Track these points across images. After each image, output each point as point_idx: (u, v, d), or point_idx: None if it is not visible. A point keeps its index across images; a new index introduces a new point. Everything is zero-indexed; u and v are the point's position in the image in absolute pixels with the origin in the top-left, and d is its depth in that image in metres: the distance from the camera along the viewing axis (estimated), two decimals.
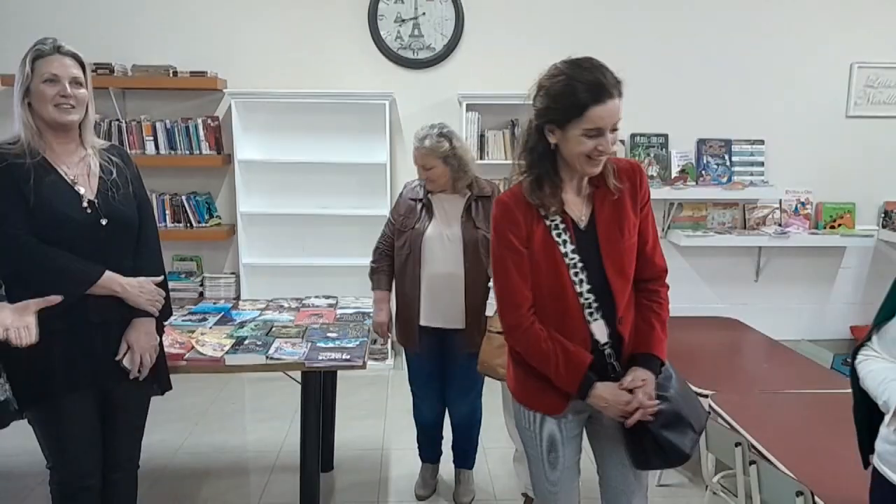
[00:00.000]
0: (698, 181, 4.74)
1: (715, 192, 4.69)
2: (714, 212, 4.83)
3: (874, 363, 1.60)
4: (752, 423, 2.46)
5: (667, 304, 1.88)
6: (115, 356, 2.04)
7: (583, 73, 1.69)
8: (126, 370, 2.05)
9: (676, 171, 4.73)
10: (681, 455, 1.79)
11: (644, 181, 1.84)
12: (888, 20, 4.69)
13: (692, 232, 4.74)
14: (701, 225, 4.82)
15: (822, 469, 2.14)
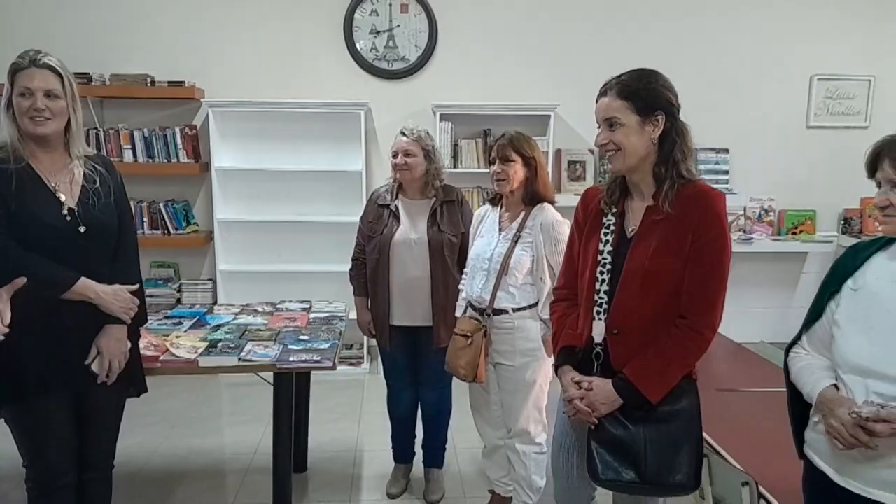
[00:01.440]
0: None
1: None
2: None
3: (803, 360, 1.72)
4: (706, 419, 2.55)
5: (685, 346, 1.80)
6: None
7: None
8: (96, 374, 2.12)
9: None
10: (596, 472, 1.82)
11: (704, 215, 1.76)
12: (846, 34, 4.88)
13: None
14: None
15: (767, 460, 2.25)
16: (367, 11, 4.66)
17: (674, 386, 1.82)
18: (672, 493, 1.87)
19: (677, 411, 1.82)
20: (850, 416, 1.48)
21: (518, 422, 2.66)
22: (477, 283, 2.65)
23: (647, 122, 1.82)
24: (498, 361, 2.66)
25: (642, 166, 1.85)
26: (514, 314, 2.60)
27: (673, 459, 1.78)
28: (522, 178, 2.61)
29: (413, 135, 2.88)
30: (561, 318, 2.03)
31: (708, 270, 1.78)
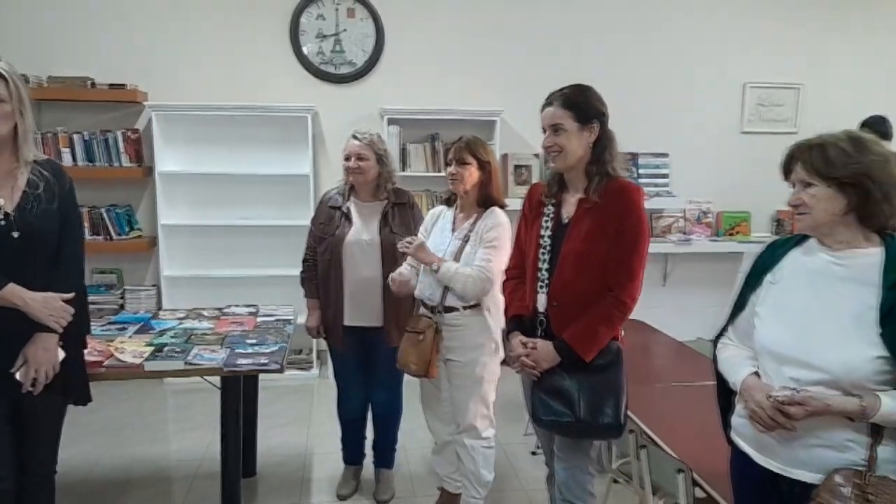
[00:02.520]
0: None
1: None
2: None
3: (729, 350, 1.83)
4: (645, 412, 2.67)
5: (611, 313, 2.12)
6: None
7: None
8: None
9: None
10: (539, 416, 2.16)
11: (624, 205, 2.10)
12: (775, 45, 5.14)
13: None
14: None
15: (700, 449, 2.35)
16: (314, 16, 4.67)
17: (603, 346, 2.13)
18: (601, 433, 2.17)
19: (605, 366, 2.15)
20: (769, 401, 1.58)
21: (466, 417, 2.72)
22: (428, 280, 2.71)
23: (585, 128, 2.16)
24: (448, 357, 2.71)
25: (578, 165, 2.18)
26: (465, 311, 2.66)
27: (602, 405, 2.11)
28: (476, 181, 2.68)
29: (366, 138, 2.92)
30: (511, 293, 2.38)
31: (628, 250, 2.11)
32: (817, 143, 1.63)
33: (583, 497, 2.26)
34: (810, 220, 1.63)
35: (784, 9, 5.12)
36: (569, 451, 2.26)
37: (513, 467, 3.48)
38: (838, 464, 1.56)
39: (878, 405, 1.50)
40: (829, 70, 5.19)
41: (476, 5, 4.85)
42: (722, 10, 5.07)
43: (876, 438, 1.55)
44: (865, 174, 1.55)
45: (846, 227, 1.61)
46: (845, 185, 1.57)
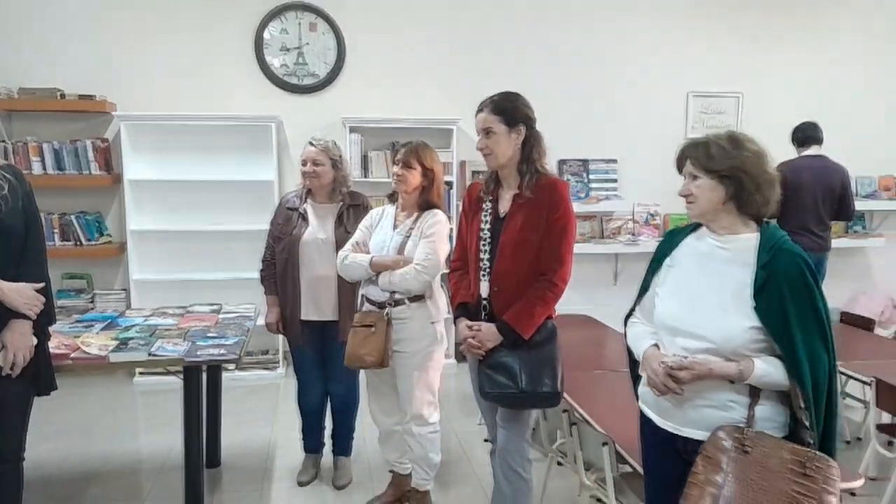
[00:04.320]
0: None
1: (575, 206, 5.18)
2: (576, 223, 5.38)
3: (636, 328, 2.06)
4: (580, 395, 2.87)
5: (545, 295, 2.37)
6: None
7: None
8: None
9: None
10: (485, 390, 2.40)
11: (553, 198, 2.36)
12: (717, 56, 5.46)
13: None
14: None
15: (624, 424, 2.54)
16: (277, 30, 4.88)
17: (539, 325, 2.38)
18: (541, 401, 2.45)
19: (542, 342, 2.41)
20: (661, 367, 1.81)
21: (413, 406, 2.91)
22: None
23: (513, 131, 2.40)
24: (396, 349, 2.89)
25: (510, 164, 2.43)
26: (410, 304, 2.86)
27: (541, 376, 2.37)
28: (418, 185, 2.89)
29: (321, 144, 3.14)
30: (456, 283, 2.62)
31: (558, 239, 2.37)
32: (703, 141, 1.88)
33: (522, 462, 2.50)
34: (697, 209, 1.88)
35: (725, 22, 5.45)
36: (511, 420, 2.48)
37: (466, 454, 3.69)
38: (722, 422, 1.78)
39: (752, 368, 1.73)
40: (767, 80, 5.52)
41: (432, 20, 5.09)
42: (667, 23, 5.38)
43: (754, 399, 1.78)
44: (741, 168, 1.80)
45: (727, 215, 1.85)
46: (724, 177, 1.81)
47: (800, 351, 1.71)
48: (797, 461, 1.69)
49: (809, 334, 1.73)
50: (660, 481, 1.98)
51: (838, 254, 5.34)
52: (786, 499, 1.67)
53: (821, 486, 1.66)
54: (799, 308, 1.72)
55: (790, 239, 1.85)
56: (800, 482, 1.68)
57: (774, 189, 1.84)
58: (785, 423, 1.80)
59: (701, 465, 1.76)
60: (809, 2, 5.57)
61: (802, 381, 1.71)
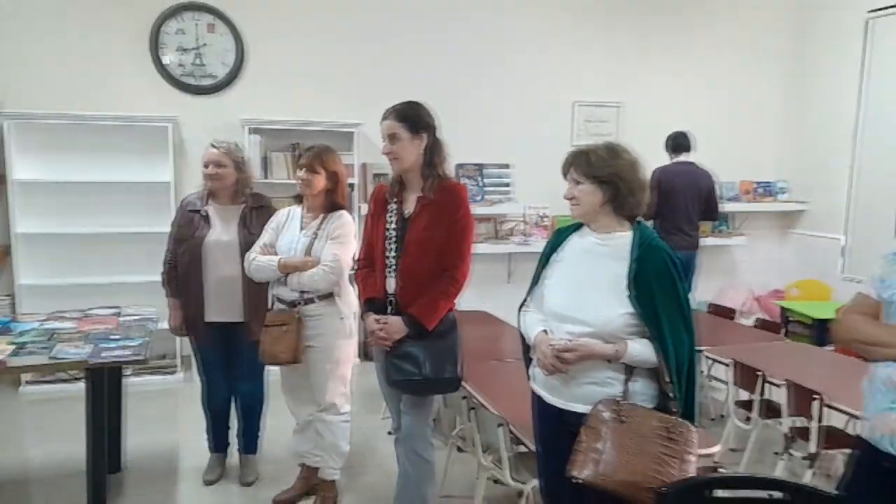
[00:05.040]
0: None
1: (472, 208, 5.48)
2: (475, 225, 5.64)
3: (528, 316, 2.28)
4: (478, 382, 3.08)
5: (447, 290, 2.56)
6: None
7: None
8: None
9: None
10: (392, 378, 2.56)
11: (454, 201, 2.56)
12: (599, 68, 5.89)
13: None
14: None
15: (518, 407, 2.75)
16: (174, 30, 4.82)
17: (443, 316, 2.55)
18: (444, 387, 2.63)
19: (445, 332, 2.59)
20: (550, 350, 2.04)
21: (326, 396, 3.04)
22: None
23: (416, 137, 2.57)
24: (309, 345, 3.00)
25: (413, 168, 2.59)
26: (320, 302, 2.98)
27: (443, 363, 2.55)
28: (323, 188, 3.01)
29: (223, 147, 3.18)
30: (364, 280, 2.74)
31: (458, 238, 2.57)
32: (585, 150, 2.13)
33: (425, 446, 2.67)
34: (579, 210, 2.13)
35: (606, 37, 5.90)
36: (415, 407, 2.66)
37: (371, 447, 3.83)
38: (602, 396, 2.02)
39: (627, 349, 1.99)
40: (645, 92, 6.01)
41: (333, 24, 5.20)
42: (554, 37, 5.75)
43: (629, 376, 2.04)
44: (617, 174, 2.06)
45: (605, 216, 2.11)
46: (603, 182, 2.06)
47: (666, 333, 1.98)
48: (664, 427, 1.97)
49: (673, 319, 2.01)
50: (550, 453, 2.21)
51: (707, 251, 5.89)
52: (655, 460, 1.93)
53: (683, 447, 1.95)
54: (665, 297, 2.00)
55: (665, 238, 2.13)
56: (666, 445, 1.95)
57: (645, 193, 2.11)
58: (654, 395, 2.06)
59: (584, 435, 1.99)
60: (682, 21, 6.11)
61: (668, 359, 1.99)
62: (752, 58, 6.32)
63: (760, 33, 6.35)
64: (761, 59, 6.36)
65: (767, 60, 6.38)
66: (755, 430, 3.51)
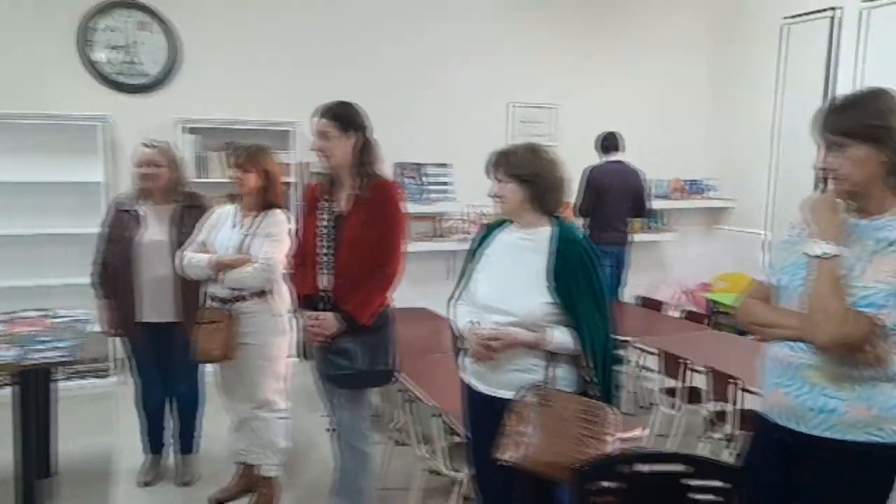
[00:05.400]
0: None
1: (411, 207, 5.57)
2: (413, 224, 5.72)
3: (458, 308, 2.36)
4: (416, 376, 3.15)
5: (380, 285, 2.63)
6: None
7: None
8: None
9: None
10: (327, 373, 2.64)
11: (387, 198, 2.62)
12: (534, 71, 6.04)
13: None
14: None
15: (454, 397, 2.82)
16: (104, 27, 4.73)
17: (377, 312, 2.62)
18: (379, 379, 2.72)
19: (379, 326, 2.66)
20: (476, 338, 2.13)
21: (262, 393, 3.06)
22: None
23: (347, 136, 2.62)
24: (243, 342, 3.01)
25: (345, 167, 2.64)
26: (255, 299, 3.00)
27: (377, 356, 2.63)
28: (257, 186, 3.03)
29: (157, 146, 3.17)
30: (298, 277, 2.78)
31: (391, 234, 2.63)
32: (507, 150, 2.24)
33: (362, 439, 2.73)
34: (505, 207, 2.23)
35: (542, 40, 6.05)
36: (351, 401, 2.71)
37: (312, 445, 3.86)
38: (527, 382, 2.13)
39: (549, 337, 2.10)
40: (578, 93, 6.19)
41: (270, 22, 5.19)
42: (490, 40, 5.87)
43: (552, 362, 2.15)
44: (538, 173, 2.17)
45: (528, 212, 2.21)
46: (525, 181, 2.17)
47: (583, 321, 2.10)
48: (584, 410, 2.08)
49: (590, 308, 2.12)
50: (480, 439, 2.30)
51: (638, 247, 6.12)
52: (575, 441, 2.04)
53: (601, 428, 2.07)
54: (582, 287, 2.12)
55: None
56: (586, 426, 2.07)
57: (564, 190, 2.23)
58: (576, 380, 2.17)
59: (511, 419, 2.10)
60: (613, 24, 6.31)
61: (585, 345, 2.10)
62: (679, 61, 6.59)
63: (686, 38, 6.62)
64: (688, 63, 6.64)
65: (693, 64, 6.67)
66: (680, 415, 3.70)
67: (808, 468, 1.72)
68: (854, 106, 1.64)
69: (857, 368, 1.61)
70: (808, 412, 1.67)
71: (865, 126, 1.60)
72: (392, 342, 2.68)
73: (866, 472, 1.66)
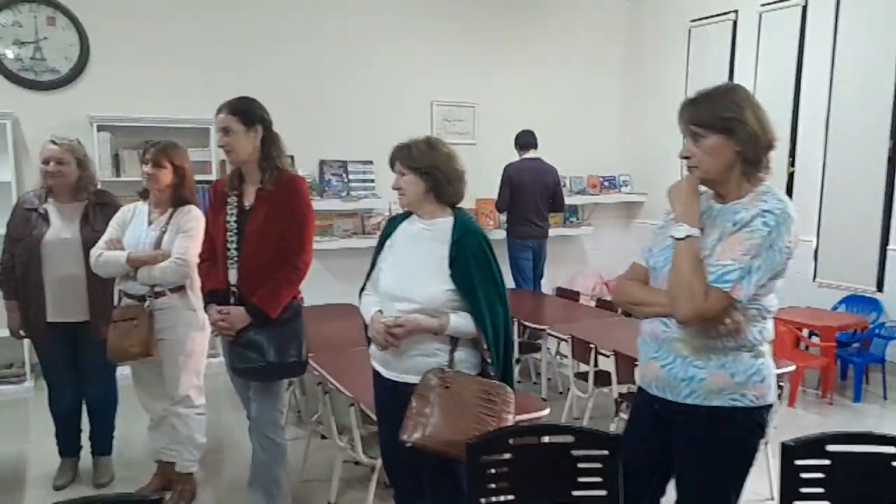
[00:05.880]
0: (323, 195, 5.63)
1: (337, 204, 5.64)
2: (339, 221, 5.76)
3: (366, 298, 2.45)
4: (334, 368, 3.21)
5: (290, 278, 2.63)
6: None
7: None
8: None
9: None
10: (236, 366, 2.63)
11: (293, 192, 2.64)
12: (455, 70, 6.18)
13: (321, 238, 5.59)
14: (328, 232, 5.71)
15: (370, 389, 2.89)
16: (10, 22, 4.59)
17: (286, 304, 2.62)
18: (289, 371, 2.70)
19: (289, 319, 2.66)
20: (380, 326, 2.22)
21: (180, 389, 3.06)
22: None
23: (251, 130, 2.61)
24: (161, 337, 3.00)
25: (250, 161, 2.65)
26: (172, 294, 3.01)
27: (287, 348, 2.63)
28: (170, 183, 3.04)
29: (64, 143, 3.12)
30: (206, 273, 2.77)
31: (299, 227, 2.64)
32: (407, 144, 2.33)
33: (275, 430, 2.77)
34: (406, 199, 2.33)
35: (462, 39, 6.19)
36: (262, 393, 2.74)
37: (233, 441, 3.86)
38: (430, 366, 2.22)
39: (449, 322, 2.20)
40: (497, 93, 6.36)
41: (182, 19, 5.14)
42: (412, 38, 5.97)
43: (453, 346, 2.25)
44: (435, 166, 2.27)
45: (429, 203, 2.31)
46: (423, 173, 2.27)
47: (483, 307, 2.21)
48: (484, 391, 2.19)
49: (489, 294, 2.23)
50: (388, 424, 2.38)
51: (558, 241, 6.36)
52: (475, 419, 2.15)
53: (501, 407, 2.18)
54: (481, 274, 2.23)
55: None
56: (485, 406, 2.17)
57: (462, 183, 2.34)
58: (477, 363, 2.28)
59: (415, 402, 2.18)
60: (531, 24, 6.51)
61: (485, 329, 2.21)
62: (594, 61, 6.86)
63: (599, 37, 6.89)
64: (602, 63, 6.91)
65: (607, 64, 6.95)
66: (591, 398, 3.88)
67: (680, 433, 1.88)
68: (709, 99, 1.81)
69: (717, 340, 1.78)
70: (677, 381, 1.83)
71: (718, 118, 1.77)
72: (302, 334, 2.71)
73: (730, 435, 1.83)
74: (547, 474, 1.92)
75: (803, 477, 1.86)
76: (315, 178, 5.64)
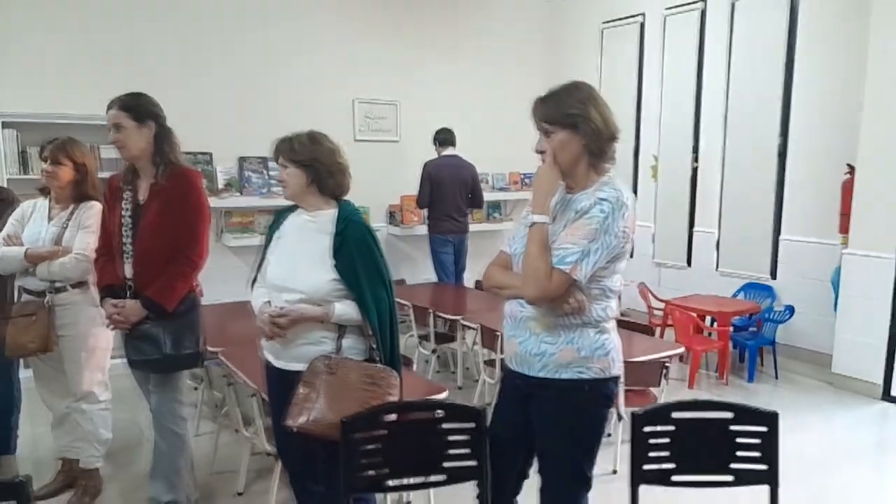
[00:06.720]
0: (243, 192, 5.64)
1: (257, 200, 5.66)
2: (260, 217, 5.78)
3: (256, 291, 2.50)
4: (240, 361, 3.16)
5: (184, 271, 2.69)
6: None
7: None
8: None
9: (222, 184, 5.57)
10: (132, 358, 2.71)
11: (186, 186, 2.68)
12: (376, 67, 6.26)
13: (241, 234, 5.61)
14: (249, 229, 5.72)
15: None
16: None
17: (182, 297, 2.69)
18: (185, 362, 2.76)
19: (185, 311, 2.73)
20: (265, 317, 2.30)
21: (83, 385, 3.07)
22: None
23: (143, 126, 2.67)
24: (62, 334, 3.00)
25: (143, 156, 2.69)
26: (73, 290, 3.01)
27: (183, 340, 2.70)
28: (70, 179, 3.04)
29: None
30: (102, 268, 2.79)
31: (193, 221, 2.70)
32: (289, 138, 2.42)
33: (175, 420, 2.82)
34: (289, 191, 2.41)
35: (383, 36, 6.29)
36: (161, 384, 2.79)
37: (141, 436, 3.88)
38: (317, 354, 2.30)
39: (334, 310, 2.30)
40: (420, 90, 6.48)
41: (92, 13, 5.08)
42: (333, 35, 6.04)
43: (340, 334, 2.35)
44: (316, 159, 2.36)
45: (312, 195, 2.40)
46: (305, 166, 2.36)
47: (367, 295, 2.31)
48: (368, 375, 2.29)
49: (373, 282, 2.33)
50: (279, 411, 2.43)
51: (480, 236, 6.50)
52: (359, 403, 2.23)
53: (385, 390, 2.28)
54: (365, 263, 2.32)
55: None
56: (369, 389, 2.27)
57: (346, 176, 2.44)
58: (365, 349, 2.38)
59: (301, 389, 2.26)
60: (451, 23, 6.65)
61: (370, 316, 2.31)
62: (514, 60, 7.03)
63: (520, 36, 7.09)
64: (522, 62, 7.09)
65: (527, 63, 7.12)
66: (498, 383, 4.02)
67: (537, 405, 2.03)
68: (556, 97, 1.97)
69: (564, 318, 1.94)
70: (532, 357, 1.99)
71: (564, 114, 1.92)
72: (199, 326, 2.77)
73: (578, 405, 1.99)
74: (418, 447, 2.05)
75: (651, 442, 2.04)
76: (235, 174, 5.65)
